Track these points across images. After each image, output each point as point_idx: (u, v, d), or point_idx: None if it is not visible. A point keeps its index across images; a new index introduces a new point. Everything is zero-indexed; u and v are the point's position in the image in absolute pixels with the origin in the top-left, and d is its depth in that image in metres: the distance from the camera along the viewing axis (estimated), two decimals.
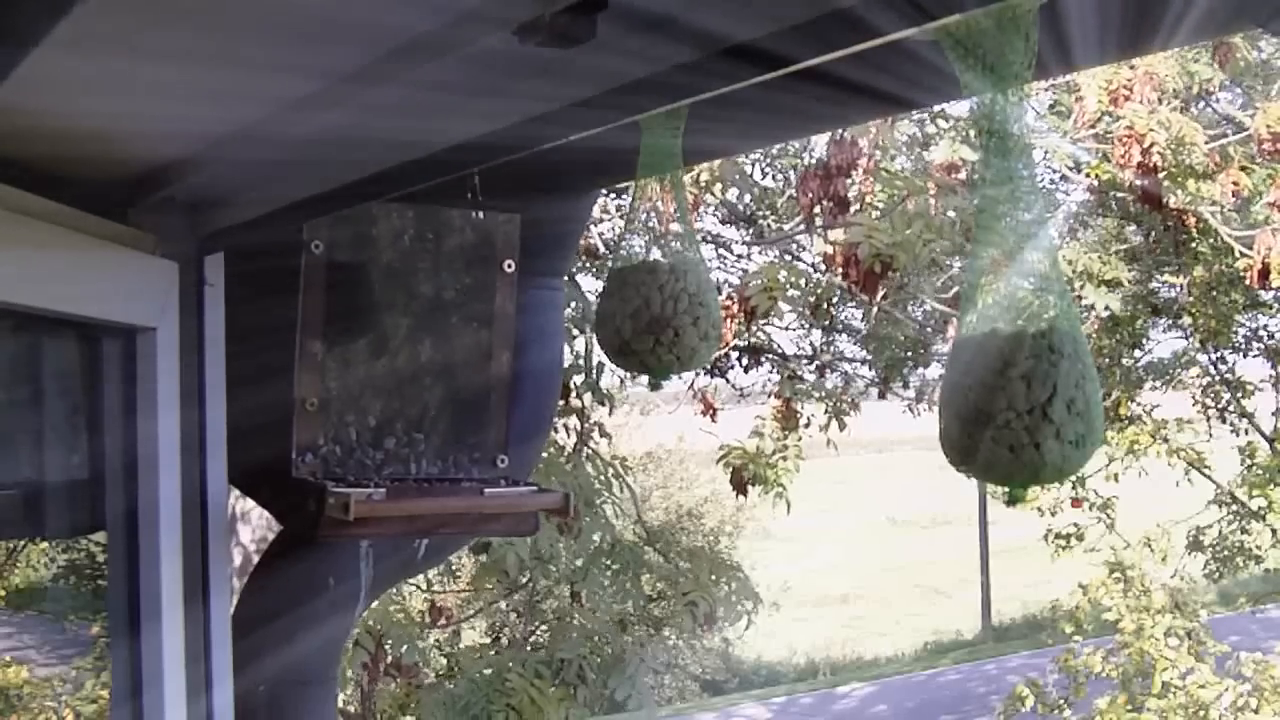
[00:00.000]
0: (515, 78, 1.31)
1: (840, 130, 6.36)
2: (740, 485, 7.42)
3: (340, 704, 5.63)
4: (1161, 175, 7.05)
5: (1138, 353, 11.60)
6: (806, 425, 7.85)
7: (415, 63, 1.30)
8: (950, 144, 6.92)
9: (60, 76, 1.37)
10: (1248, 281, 7.79)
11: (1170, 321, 11.66)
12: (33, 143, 1.71)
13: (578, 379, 6.72)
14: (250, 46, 1.34)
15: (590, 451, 7.18)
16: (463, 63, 1.28)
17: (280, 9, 1.25)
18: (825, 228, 6.73)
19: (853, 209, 6.55)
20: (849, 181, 6.39)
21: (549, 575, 6.77)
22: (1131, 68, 6.77)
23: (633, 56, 1.23)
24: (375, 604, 6.07)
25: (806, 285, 7.13)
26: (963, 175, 6.76)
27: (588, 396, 6.89)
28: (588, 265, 7.75)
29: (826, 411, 7.95)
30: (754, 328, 7.74)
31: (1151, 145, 6.82)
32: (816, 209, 6.43)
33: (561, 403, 6.56)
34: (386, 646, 5.71)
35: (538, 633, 8.41)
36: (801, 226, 7.59)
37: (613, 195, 7.24)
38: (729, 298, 6.90)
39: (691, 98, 1.34)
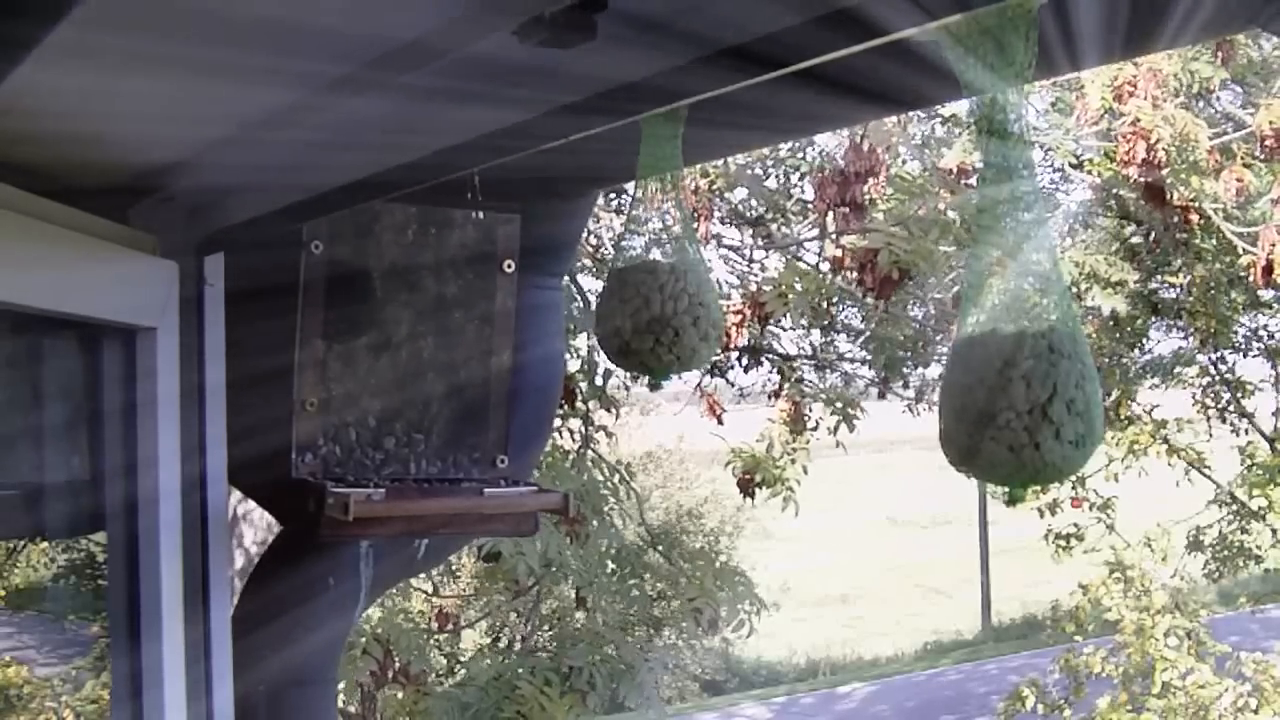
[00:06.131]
0: (515, 78, 1.31)
1: (860, 135, 6.36)
2: (747, 488, 7.38)
3: (340, 705, 5.62)
4: (1165, 172, 7.02)
5: (1138, 353, 11.57)
6: (814, 428, 7.82)
7: (415, 64, 1.30)
8: (963, 147, 6.91)
9: (59, 80, 1.37)
10: (1251, 279, 7.77)
11: (1170, 321, 11.64)
12: (33, 144, 1.71)
13: (583, 383, 6.70)
14: (249, 50, 1.34)
15: (594, 455, 7.16)
16: (462, 63, 1.28)
17: (280, 13, 1.25)
18: (839, 233, 6.71)
19: (868, 214, 6.53)
20: (866, 188, 6.37)
21: (556, 580, 6.76)
22: (1135, 64, 6.74)
23: (633, 57, 1.23)
24: (382, 613, 6.06)
25: (810, 285, 7.11)
26: (975, 180, 6.74)
27: (592, 401, 6.87)
28: (588, 265, 7.74)
29: (834, 413, 7.90)
30: (765, 330, 7.72)
31: (1157, 141, 6.79)
32: (830, 214, 6.41)
33: (565, 406, 6.55)
34: (394, 654, 5.70)
35: (541, 636, 8.38)
36: (813, 229, 7.58)
37: (613, 196, 7.23)
38: (741, 300, 6.87)
39: (691, 98, 1.33)
